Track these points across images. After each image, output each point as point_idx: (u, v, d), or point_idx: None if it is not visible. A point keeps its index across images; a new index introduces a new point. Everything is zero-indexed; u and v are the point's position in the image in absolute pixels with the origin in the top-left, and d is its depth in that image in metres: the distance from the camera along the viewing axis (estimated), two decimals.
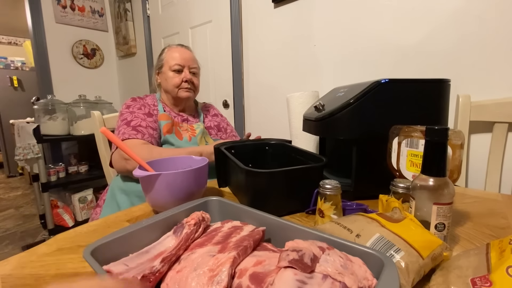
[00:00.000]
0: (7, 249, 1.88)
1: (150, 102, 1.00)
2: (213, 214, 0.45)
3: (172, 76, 0.98)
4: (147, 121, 0.90)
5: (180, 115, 1.05)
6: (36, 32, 2.25)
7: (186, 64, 0.99)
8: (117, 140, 0.58)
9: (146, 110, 0.95)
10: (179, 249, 0.35)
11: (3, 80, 3.64)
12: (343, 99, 0.61)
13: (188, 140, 0.96)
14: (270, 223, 0.39)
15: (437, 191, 0.38)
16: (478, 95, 0.86)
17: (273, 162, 0.80)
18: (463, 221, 0.51)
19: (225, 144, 0.77)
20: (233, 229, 0.39)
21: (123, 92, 2.80)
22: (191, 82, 1.01)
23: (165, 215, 0.41)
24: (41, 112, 1.97)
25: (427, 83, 0.61)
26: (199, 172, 0.56)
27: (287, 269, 0.28)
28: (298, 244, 0.31)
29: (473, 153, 0.90)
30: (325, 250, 0.31)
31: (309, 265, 0.28)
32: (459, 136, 0.45)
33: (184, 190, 0.55)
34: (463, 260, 0.34)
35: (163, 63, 1.01)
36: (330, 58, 1.22)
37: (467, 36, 0.87)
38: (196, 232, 0.39)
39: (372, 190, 0.57)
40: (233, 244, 0.34)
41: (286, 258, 0.28)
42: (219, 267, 0.29)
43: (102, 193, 0.97)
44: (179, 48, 1.03)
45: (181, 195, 0.54)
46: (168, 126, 0.95)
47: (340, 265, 0.28)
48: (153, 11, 2.23)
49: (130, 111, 0.92)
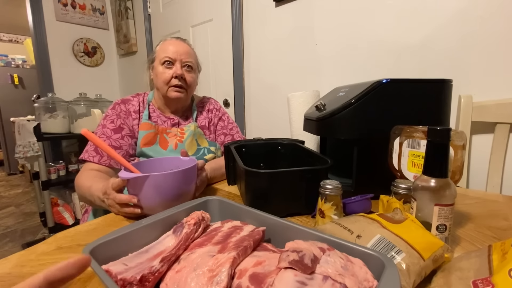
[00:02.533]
0: (7, 247, 1.88)
1: (134, 106, 0.90)
2: (213, 214, 0.45)
3: (162, 71, 0.87)
4: (111, 139, 0.81)
5: (170, 118, 0.94)
6: (37, 30, 2.25)
7: (178, 58, 0.86)
8: (99, 142, 0.55)
9: (118, 122, 0.84)
10: (178, 249, 0.35)
11: (4, 78, 3.64)
12: (344, 99, 0.61)
13: (174, 148, 0.87)
14: (270, 223, 0.39)
15: (439, 192, 0.38)
16: (480, 95, 0.86)
17: (284, 162, 0.80)
18: (464, 222, 0.51)
19: (236, 142, 0.77)
20: (233, 229, 0.39)
21: (124, 90, 2.80)
22: (183, 79, 0.88)
23: (165, 215, 0.41)
24: (41, 110, 1.97)
25: (429, 83, 0.60)
26: (188, 173, 0.55)
27: (287, 270, 0.28)
28: (299, 244, 0.31)
29: (475, 154, 0.89)
30: (326, 251, 0.30)
31: (310, 266, 0.28)
32: (461, 137, 0.45)
33: (173, 191, 0.53)
34: (465, 262, 0.34)
35: (155, 57, 0.91)
36: (331, 57, 1.22)
37: (469, 36, 0.87)
38: (196, 232, 0.38)
39: (372, 190, 0.56)
40: (233, 244, 0.34)
41: (286, 259, 0.28)
42: (219, 267, 0.29)
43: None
44: (174, 40, 0.91)
45: (170, 197, 0.53)
46: (149, 137, 0.86)
47: (340, 266, 0.28)
48: (154, 9, 2.23)
49: (102, 124, 0.84)
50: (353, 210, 0.50)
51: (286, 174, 0.54)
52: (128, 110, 0.89)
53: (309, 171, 0.54)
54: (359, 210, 0.50)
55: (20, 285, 0.20)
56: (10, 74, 3.68)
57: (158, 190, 0.52)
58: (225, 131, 1.01)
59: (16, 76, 3.72)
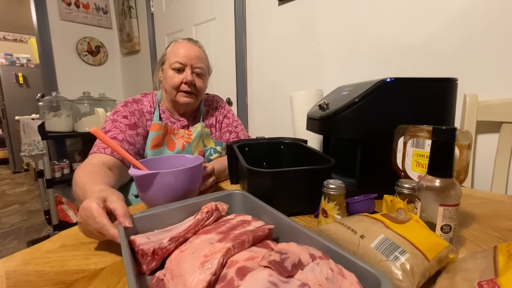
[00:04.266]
0: (12, 244, 1.90)
1: (147, 107, 0.88)
2: (237, 207, 0.49)
3: (172, 76, 0.85)
4: (126, 134, 0.78)
5: (180, 120, 0.93)
6: (41, 29, 2.26)
7: (188, 63, 0.84)
8: (107, 140, 0.54)
9: (133, 119, 0.82)
10: (187, 232, 0.39)
11: (8, 77, 3.67)
12: (348, 98, 0.61)
13: (181, 149, 0.86)
14: (282, 223, 0.40)
15: (444, 192, 0.38)
16: (485, 94, 0.85)
17: (287, 162, 0.80)
18: (469, 223, 0.51)
19: (238, 141, 0.77)
20: (241, 223, 0.41)
21: (127, 89, 2.81)
22: (192, 85, 0.86)
23: (192, 201, 0.46)
24: (45, 108, 1.99)
25: (434, 82, 0.60)
26: (195, 170, 0.56)
27: (265, 268, 0.28)
28: (290, 247, 0.31)
29: (480, 154, 0.88)
30: (316, 259, 0.29)
31: (288, 270, 0.27)
32: (467, 137, 0.45)
33: (182, 187, 0.55)
34: (470, 263, 0.33)
35: (165, 59, 0.88)
36: (334, 56, 1.21)
37: (474, 34, 0.86)
38: (208, 219, 0.42)
39: (376, 190, 0.56)
40: (233, 236, 0.35)
41: (268, 258, 0.29)
42: (213, 254, 0.31)
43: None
44: (185, 43, 0.88)
45: (178, 193, 0.54)
46: (159, 139, 0.84)
47: (325, 278, 0.27)
48: (157, 8, 2.23)
49: (113, 118, 0.80)
50: (356, 210, 0.50)
51: (290, 173, 0.54)
52: (141, 110, 0.87)
53: (313, 171, 0.54)
54: (362, 210, 0.50)
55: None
56: (15, 73, 3.70)
57: (166, 187, 0.53)
58: (230, 129, 1.00)
59: (21, 75, 3.75)
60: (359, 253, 0.35)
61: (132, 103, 0.87)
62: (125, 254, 0.32)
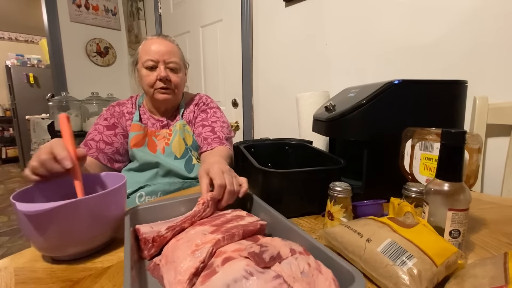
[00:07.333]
0: (21, 241, 1.94)
1: (128, 108, 0.92)
2: (238, 202, 0.50)
3: (146, 74, 0.84)
4: (103, 135, 0.83)
5: (159, 120, 0.92)
6: (51, 30, 2.30)
7: (160, 59, 0.83)
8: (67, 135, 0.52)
9: (112, 120, 0.87)
10: (184, 222, 0.41)
11: (20, 77, 3.76)
12: (355, 100, 0.60)
13: (162, 152, 0.86)
14: (275, 221, 0.42)
15: (453, 196, 0.37)
16: (496, 97, 0.83)
17: (292, 163, 0.80)
18: (478, 228, 0.50)
19: (244, 142, 0.77)
20: (235, 217, 0.43)
21: (134, 89, 2.84)
22: (168, 81, 0.84)
23: (195, 196, 0.49)
24: (55, 108, 2.02)
25: (443, 84, 0.59)
26: (114, 195, 0.43)
27: (245, 259, 0.30)
28: (273, 241, 0.33)
29: (490, 157, 0.86)
30: (296, 254, 0.31)
31: (265, 261, 0.29)
32: (477, 140, 0.44)
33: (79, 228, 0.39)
34: (479, 269, 0.33)
35: (138, 58, 0.86)
36: (341, 57, 1.21)
37: (485, 35, 0.84)
38: (204, 211, 0.44)
39: (383, 193, 0.55)
40: (224, 229, 0.37)
41: (249, 249, 0.31)
42: (204, 244, 0.34)
43: None
44: (155, 39, 0.86)
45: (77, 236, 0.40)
46: (138, 138, 0.86)
47: (300, 271, 0.28)
48: (164, 9, 2.25)
49: (96, 122, 0.86)
50: (363, 213, 0.50)
51: (301, 174, 0.54)
52: (122, 111, 0.91)
53: (324, 171, 0.54)
54: (370, 214, 0.49)
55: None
56: (26, 74, 3.79)
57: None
58: (205, 123, 0.91)
59: (32, 75, 3.84)
60: (365, 256, 0.35)
61: (115, 106, 0.92)
62: (127, 241, 0.35)
